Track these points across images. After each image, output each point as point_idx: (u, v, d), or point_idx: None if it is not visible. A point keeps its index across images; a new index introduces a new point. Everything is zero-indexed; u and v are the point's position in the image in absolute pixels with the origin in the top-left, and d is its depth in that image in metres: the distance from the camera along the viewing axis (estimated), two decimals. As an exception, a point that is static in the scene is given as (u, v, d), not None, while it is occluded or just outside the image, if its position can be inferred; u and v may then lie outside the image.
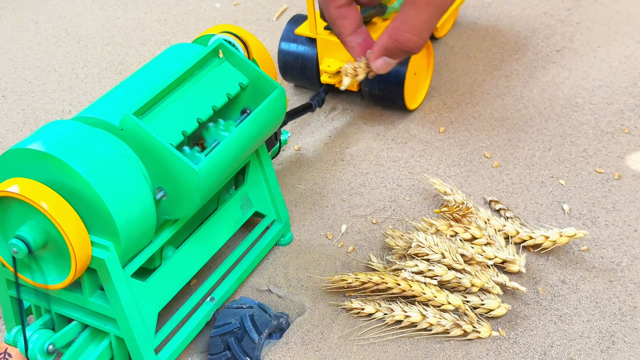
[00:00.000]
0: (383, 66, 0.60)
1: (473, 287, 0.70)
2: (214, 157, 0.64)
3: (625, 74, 1.03)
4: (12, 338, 0.64)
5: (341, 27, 0.60)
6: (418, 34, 0.57)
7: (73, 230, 0.57)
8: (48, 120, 1.01)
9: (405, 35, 0.57)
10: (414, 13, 0.56)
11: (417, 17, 0.56)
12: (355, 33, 0.60)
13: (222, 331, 0.66)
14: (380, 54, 0.60)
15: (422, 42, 0.58)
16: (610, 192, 0.84)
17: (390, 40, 0.58)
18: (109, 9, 1.27)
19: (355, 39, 0.61)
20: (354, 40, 0.61)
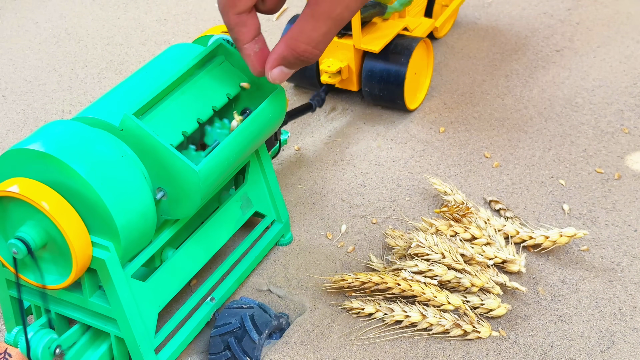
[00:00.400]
0: (279, 76, 0.60)
1: (473, 287, 0.70)
2: (214, 157, 0.64)
3: (625, 74, 1.03)
4: (12, 338, 0.64)
5: (239, 34, 0.60)
6: (315, 46, 0.57)
7: (74, 230, 0.57)
8: (48, 120, 1.01)
9: (302, 46, 0.57)
10: (312, 25, 0.56)
11: (315, 30, 0.56)
12: (253, 41, 0.60)
13: (222, 331, 0.66)
14: (277, 63, 0.59)
15: (318, 53, 0.57)
16: (610, 192, 0.84)
17: (287, 49, 0.58)
18: (109, 9, 1.27)
19: (252, 47, 0.60)
20: (250, 49, 0.60)
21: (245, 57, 0.61)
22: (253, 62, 0.61)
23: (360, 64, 0.96)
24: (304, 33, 0.56)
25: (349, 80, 0.97)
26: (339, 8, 0.55)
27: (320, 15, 0.55)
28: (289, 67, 0.60)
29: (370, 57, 0.95)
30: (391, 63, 0.94)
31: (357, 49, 0.94)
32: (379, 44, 0.93)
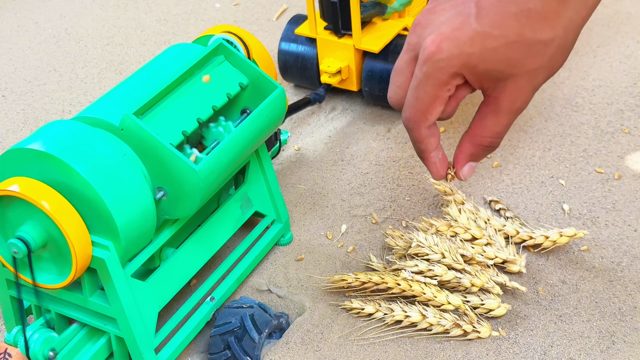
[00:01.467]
0: (470, 171, 0.63)
1: (473, 287, 0.70)
2: (214, 157, 0.64)
3: (625, 74, 1.03)
4: (12, 338, 0.64)
5: (428, 144, 0.61)
6: (499, 137, 0.60)
7: (74, 229, 0.57)
8: (48, 120, 1.01)
9: (487, 140, 0.60)
10: (495, 121, 0.59)
11: (497, 125, 0.59)
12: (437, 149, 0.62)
13: (222, 330, 0.66)
14: (466, 161, 0.62)
15: (500, 141, 0.60)
16: (610, 192, 0.84)
17: (475, 147, 0.61)
18: (109, 9, 1.27)
19: (437, 155, 0.62)
20: (435, 156, 0.62)
21: (429, 165, 0.63)
22: (438, 169, 0.63)
23: (360, 64, 0.96)
24: (487, 129, 0.59)
25: (349, 80, 0.97)
26: (518, 103, 0.58)
27: (502, 112, 0.58)
28: (476, 160, 0.62)
29: (370, 57, 0.95)
30: (391, 63, 0.94)
31: (357, 49, 0.94)
32: (379, 44, 0.93)
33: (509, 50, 0.54)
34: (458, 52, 0.55)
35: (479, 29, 0.54)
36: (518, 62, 0.55)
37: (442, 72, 0.55)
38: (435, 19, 0.56)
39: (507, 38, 0.54)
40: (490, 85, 0.57)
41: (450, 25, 0.55)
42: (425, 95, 0.57)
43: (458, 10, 0.55)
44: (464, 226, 0.76)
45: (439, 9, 0.57)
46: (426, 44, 0.55)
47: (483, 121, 0.59)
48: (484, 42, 0.54)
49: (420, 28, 0.57)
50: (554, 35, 0.54)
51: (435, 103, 0.57)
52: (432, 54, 0.55)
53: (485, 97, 0.59)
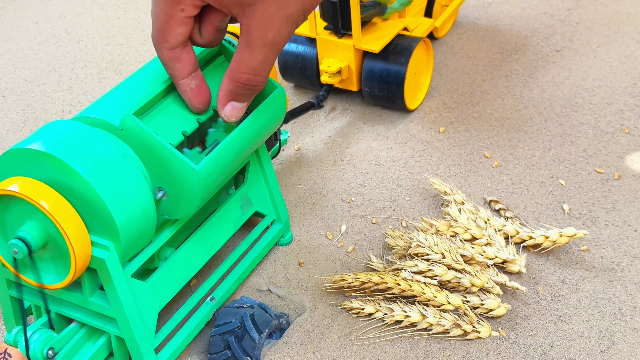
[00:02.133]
0: (232, 112, 0.59)
1: (473, 287, 0.70)
2: (214, 157, 0.64)
3: (625, 74, 1.03)
4: (12, 338, 0.64)
5: (174, 69, 0.59)
6: (257, 73, 0.57)
7: (73, 229, 0.57)
8: (48, 120, 1.01)
9: (244, 76, 0.57)
10: (249, 54, 0.56)
11: (252, 58, 0.56)
12: (190, 77, 0.59)
13: (222, 330, 0.66)
14: (227, 100, 0.59)
15: (262, 79, 0.57)
16: (610, 192, 0.84)
17: (231, 83, 0.58)
18: (109, 9, 1.27)
19: (188, 83, 0.59)
20: (187, 84, 0.59)
21: (182, 93, 0.60)
22: (189, 98, 0.60)
23: (360, 64, 0.96)
24: (243, 63, 0.56)
25: (349, 80, 0.97)
26: (270, 34, 0.55)
27: (254, 44, 0.55)
28: (239, 101, 0.59)
29: (370, 57, 0.95)
30: (391, 63, 0.94)
31: (357, 49, 0.94)
32: (379, 44, 0.93)
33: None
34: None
35: None
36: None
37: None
38: None
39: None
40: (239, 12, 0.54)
41: None
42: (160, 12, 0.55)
43: None
44: (464, 226, 0.76)
45: None
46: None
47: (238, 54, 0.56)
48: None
49: None
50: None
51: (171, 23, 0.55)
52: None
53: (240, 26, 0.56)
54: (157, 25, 0.56)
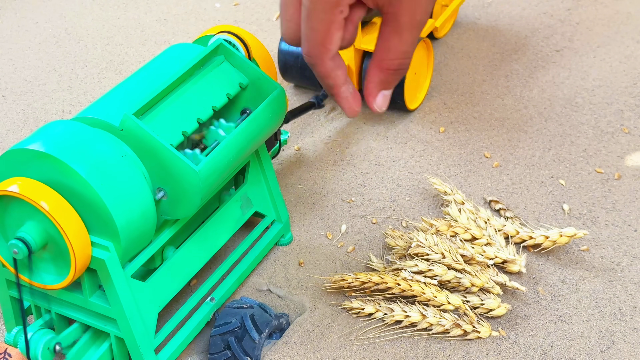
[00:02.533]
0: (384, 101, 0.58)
1: (473, 287, 0.70)
2: (214, 158, 0.64)
3: (625, 74, 1.03)
4: (12, 338, 0.64)
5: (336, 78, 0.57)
6: (407, 56, 0.56)
7: (73, 230, 0.57)
8: (48, 120, 1.01)
9: (396, 62, 0.56)
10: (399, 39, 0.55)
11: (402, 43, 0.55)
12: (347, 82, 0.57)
13: (222, 330, 0.66)
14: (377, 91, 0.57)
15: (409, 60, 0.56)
16: (610, 192, 0.84)
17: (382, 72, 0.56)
18: (109, 9, 1.27)
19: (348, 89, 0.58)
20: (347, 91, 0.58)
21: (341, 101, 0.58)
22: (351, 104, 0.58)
23: (360, 64, 0.96)
24: (392, 50, 0.55)
25: (349, 80, 0.97)
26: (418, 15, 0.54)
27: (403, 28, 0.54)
28: (389, 88, 0.58)
29: (370, 57, 0.95)
30: (391, 63, 0.93)
31: (357, 49, 0.94)
32: (379, 44, 0.92)
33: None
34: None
35: None
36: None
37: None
38: None
39: None
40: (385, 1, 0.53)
41: None
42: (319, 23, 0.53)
43: None
44: (464, 226, 0.76)
45: None
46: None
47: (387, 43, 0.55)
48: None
49: None
50: None
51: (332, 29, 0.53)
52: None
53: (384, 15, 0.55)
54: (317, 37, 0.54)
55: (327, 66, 0.55)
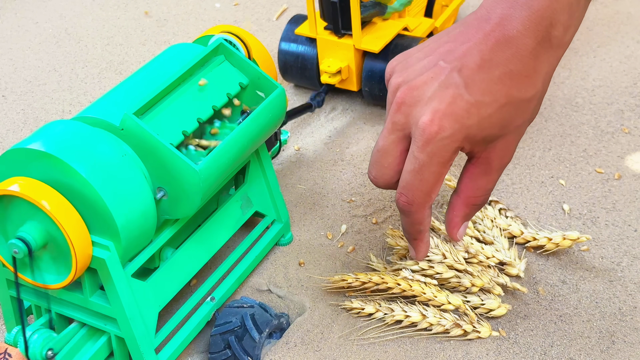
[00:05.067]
0: (464, 231, 0.64)
1: (473, 287, 0.70)
2: (215, 157, 0.64)
3: (625, 74, 1.03)
4: (12, 338, 0.64)
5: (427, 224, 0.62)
6: (489, 194, 0.61)
7: (74, 229, 0.57)
8: (48, 120, 1.01)
9: (480, 199, 0.61)
10: (487, 179, 0.60)
11: (489, 183, 0.60)
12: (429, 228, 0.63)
13: (222, 330, 0.67)
14: (461, 224, 0.63)
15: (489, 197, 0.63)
16: (610, 192, 0.84)
17: (469, 208, 0.62)
18: (109, 9, 1.27)
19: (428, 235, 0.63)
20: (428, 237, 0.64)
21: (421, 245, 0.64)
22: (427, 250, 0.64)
23: (361, 64, 0.96)
24: (480, 188, 0.61)
25: (349, 80, 0.97)
26: (507, 158, 0.59)
27: (492, 170, 0.60)
28: (469, 219, 0.63)
29: (370, 57, 0.95)
30: (391, 63, 0.93)
31: (357, 49, 0.94)
32: (379, 44, 0.93)
33: (501, 113, 0.55)
34: (459, 127, 0.55)
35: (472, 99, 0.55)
36: (509, 123, 0.57)
37: (447, 150, 0.56)
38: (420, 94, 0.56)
39: (499, 102, 0.55)
40: (481, 148, 0.58)
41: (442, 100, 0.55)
42: (430, 175, 0.57)
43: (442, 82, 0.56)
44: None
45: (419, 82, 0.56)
46: (425, 125, 0.55)
47: (475, 183, 0.60)
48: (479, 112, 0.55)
49: (407, 107, 0.57)
50: (535, 90, 0.56)
51: (440, 180, 0.58)
52: (435, 134, 0.55)
53: (475, 159, 0.59)
54: (426, 187, 0.58)
55: (424, 214, 0.60)
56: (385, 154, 0.59)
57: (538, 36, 0.54)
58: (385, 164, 0.60)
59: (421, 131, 0.55)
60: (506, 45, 0.54)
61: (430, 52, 0.58)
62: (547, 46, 0.55)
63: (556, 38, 0.55)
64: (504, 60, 0.54)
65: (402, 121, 0.57)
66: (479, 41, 0.55)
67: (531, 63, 0.55)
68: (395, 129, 0.58)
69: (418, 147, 0.56)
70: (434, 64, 0.57)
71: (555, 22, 0.54)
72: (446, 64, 0.56)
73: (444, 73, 0.55)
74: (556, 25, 0.54)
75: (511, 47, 0.54)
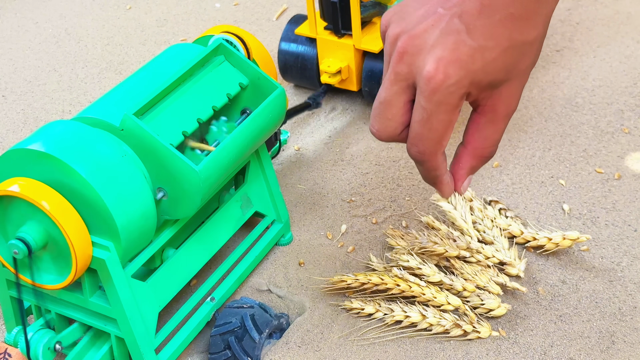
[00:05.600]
0: (468, 184, 0.62)
1: (465, 291, 0.70)
2: (215, 157, 0.64)
3: (625, 74, 1.03)
4: (12, 338, 0.64)
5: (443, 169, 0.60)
6: (497, 143, 0.60)
7: (74, 230, 0.57)
8: (48, 120, 1.01)
9: (488, 150, 0.60)
10: (494, 128, 0.59)
11: (496, 132, 0.59)
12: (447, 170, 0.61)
13: (222, 330, 0.67)
14: (466, 176, 0.62)
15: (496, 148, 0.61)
16: (610, 192, 0.84)
17: (476, 160, 0.60)
18: (109, 9, 1.27)
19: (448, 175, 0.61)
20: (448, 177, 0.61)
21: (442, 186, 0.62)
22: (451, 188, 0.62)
23: (361, 64, 0.96)
24: (487, 138, 0.59)
25: (349, 80, 0.97)
26: (513, 105, 0.58)
27: (499, 118, 0.58)
28: (474, 172, 0.62)
29: (370, 57, 0.95)
30: (391, 63, 0.93)
31: (357, 49, 0.94)
32: (379, 44, 0.93)
33: (505, 56, 0.55)
34: (464, 73, 0.54)
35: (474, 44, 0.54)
36: (513, 66, 0.56)
37: (454, 97, 0.55)
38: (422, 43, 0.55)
39: (502, 46, 0.54)
40: (487, 95, 0.57)
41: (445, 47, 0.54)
42: (439, 124, 0.56)
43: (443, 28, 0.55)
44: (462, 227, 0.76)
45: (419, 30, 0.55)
46: (430, 74, 0.54)
47: (482, 133, 0.59)
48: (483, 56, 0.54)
49: (410, 56, 0.56)
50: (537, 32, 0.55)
51: (449, 128, 0.57)
52: (441, 82, 0.54)
53: (480, 107, 0.59)
54: (436, 136, 0.57)
55: (438, 161, 0.59)
56: (388, 105, 0.58)
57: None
58: (389, 116, 0.58)
59: (426, 80, 0.54)
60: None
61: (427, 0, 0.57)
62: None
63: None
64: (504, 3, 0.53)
65: (405, 71, 0.56)
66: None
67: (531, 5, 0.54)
68: (398, 79, 0.57)
69: (425, 97, 0.55)
70: (432, 11, 0.55)
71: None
72: (445, 10, 0.55)
73: (445, 20, 0.54)
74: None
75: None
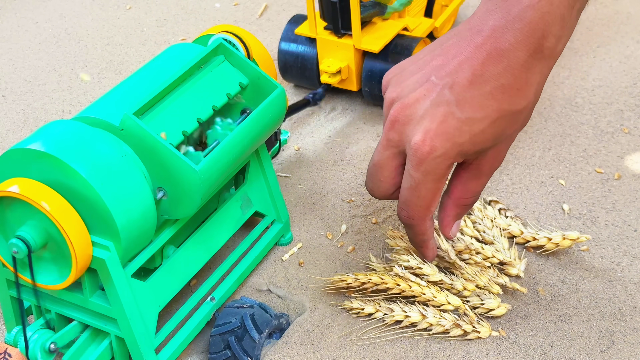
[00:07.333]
0: (457, 229, 0.66)
1: (465, 290, 0.70)
2: (214, 157, 0.64)
3: (625, 74, 1.03)
4: (12, 338, 0.64)
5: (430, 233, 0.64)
6: (478, 195, 0.63)
7: (74, 230, 0.57)
8: (48, 120, 1.01)
9: (470, 200, 0.63)
10: (477, 182, 0.62)
11: (479, 186, 0.62)
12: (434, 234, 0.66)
13: (222, 330, 0.67)
14: (453, 223, 0.65)
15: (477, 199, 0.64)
16: (610, 192, 0.84)
17: (459, 207, 0.64)
18: (109, 9, 1.27)
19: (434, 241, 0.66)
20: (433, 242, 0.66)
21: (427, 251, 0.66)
22: (435, 252, 0.67)
23: (360, 64, 0.96)
24: (469, 190, 0.62)
25: (349, 80, 0.97)
26: (498, 163, 0.61)
27: (483, 174, 0.61)
28: (460, 218, 0.65)
29: (370, 57, 0.95)
30: (391, 63, 0.94)
31: (357, 49, 0.94)
32: (378, 44, 0.93)
33: (493, 127, 0.56)
34: (451, 145, 0.56)
35: (463, 117, 0.56)
36: (501, 135, 0.58)
37: (440, 167, 0.57)
38: (413, 112, 0.57)
39: (490, 117, 0.56)
40: (473, 156, 0.59)
41: (434, 118, 0.56)
42: (427, 192, 0.59)
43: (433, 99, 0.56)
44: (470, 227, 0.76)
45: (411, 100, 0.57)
46: (417, 145, 0.57)
47: (465, 185, 0.62)
48: (471, 128, 0.56)
49: (400, 125, 0.58)
50: (527, 102, 0.56)
51: (437, 195, 0.59)
52: (427, 154, 0.56)
53: (464, 164, 0.61)
54: (424, 203, 0.60)
55: (426, 226, 0.62)
56: (380, 168, 0.61)
57: (530, 48, 0.54)
58: (381, 178, 0.62)
59: (414, 151, 0.57)
60: (498, 59, 0.55)
61: (424, 65, 0.59)
62: (539, 57, 0.55)
63: (548, 49, 0.55)
64: (495, 74, 0.55)
65: (397, 138, 0.59)
66: (470, 55, 0.56)
67: (523, 75, 0.55)
68: (389, 145, 0.60)
69: (412, 166, 0.58)
70: (426, 79, 0.57)
71: (548, 34, 0.54)
72: (438, 80, 0.57)
73: (436, 90, 0.56)
74: (548, 37, 0.55)
75: (503, 61, 0.55)
